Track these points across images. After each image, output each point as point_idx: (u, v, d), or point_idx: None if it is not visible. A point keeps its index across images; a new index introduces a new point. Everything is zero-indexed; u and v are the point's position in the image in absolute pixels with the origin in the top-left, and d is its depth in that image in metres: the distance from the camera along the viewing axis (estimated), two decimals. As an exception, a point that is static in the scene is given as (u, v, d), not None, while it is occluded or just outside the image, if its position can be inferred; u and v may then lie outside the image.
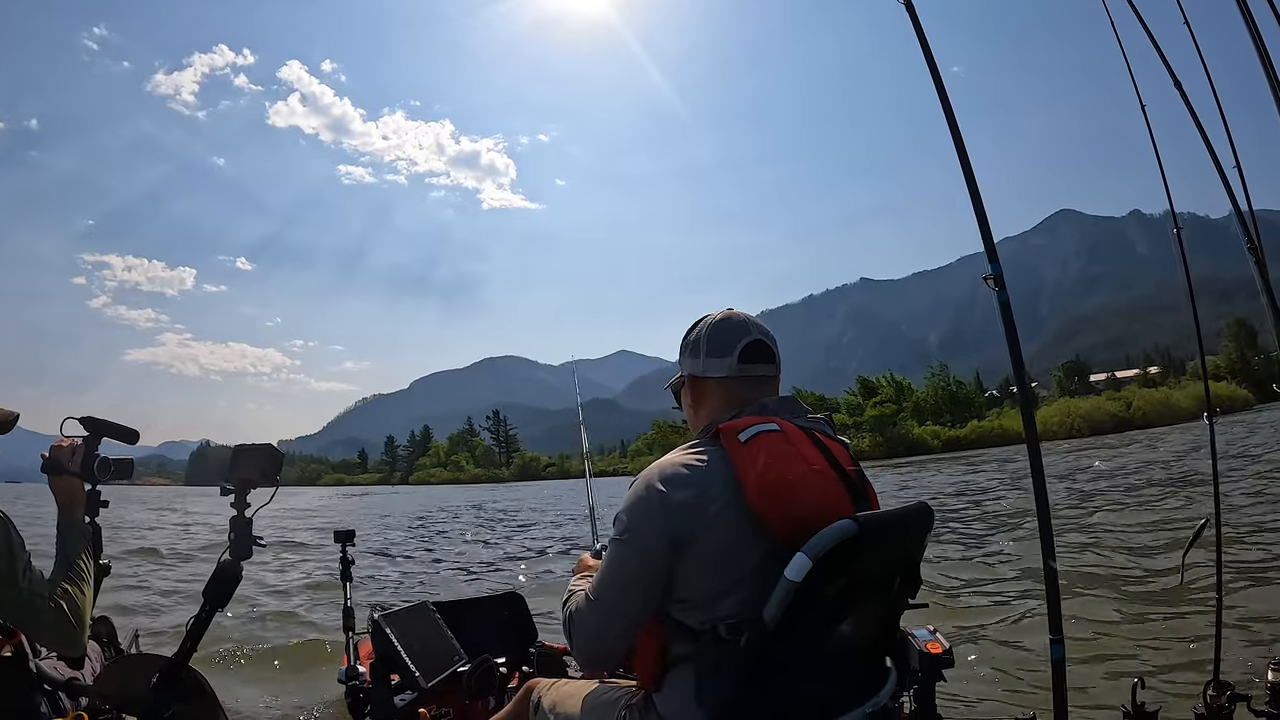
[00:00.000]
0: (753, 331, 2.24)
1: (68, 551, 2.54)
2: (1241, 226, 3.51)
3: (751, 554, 1.90)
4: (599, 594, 2.02)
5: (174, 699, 2.42)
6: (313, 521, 29.63)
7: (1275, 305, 3.10)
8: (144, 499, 58.70)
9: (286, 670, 7.56)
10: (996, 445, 71.52)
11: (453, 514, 34.39)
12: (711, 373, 2.23)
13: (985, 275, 2.70)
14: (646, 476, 2.00)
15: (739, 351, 2.20)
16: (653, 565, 1.93)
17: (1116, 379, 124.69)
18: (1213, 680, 3.67)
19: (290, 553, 17.57)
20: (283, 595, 12.12)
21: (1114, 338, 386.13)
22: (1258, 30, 2.74)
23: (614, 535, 2.01)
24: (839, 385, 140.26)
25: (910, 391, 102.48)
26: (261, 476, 2.44)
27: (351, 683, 3.87)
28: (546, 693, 2.53)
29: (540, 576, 13.31)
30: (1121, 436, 54.98)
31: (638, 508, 1.97)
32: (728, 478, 1.94)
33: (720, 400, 2.22)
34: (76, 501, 2.67)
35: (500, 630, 4.57)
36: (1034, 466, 2.70)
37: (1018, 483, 25.42)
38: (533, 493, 59.22)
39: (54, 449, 2.68)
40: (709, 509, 1.91)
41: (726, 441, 1.99)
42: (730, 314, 2.30)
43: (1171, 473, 21.96)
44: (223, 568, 2.38)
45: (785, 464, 1.93)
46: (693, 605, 1.95)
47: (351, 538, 4.50)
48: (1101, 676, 5.50)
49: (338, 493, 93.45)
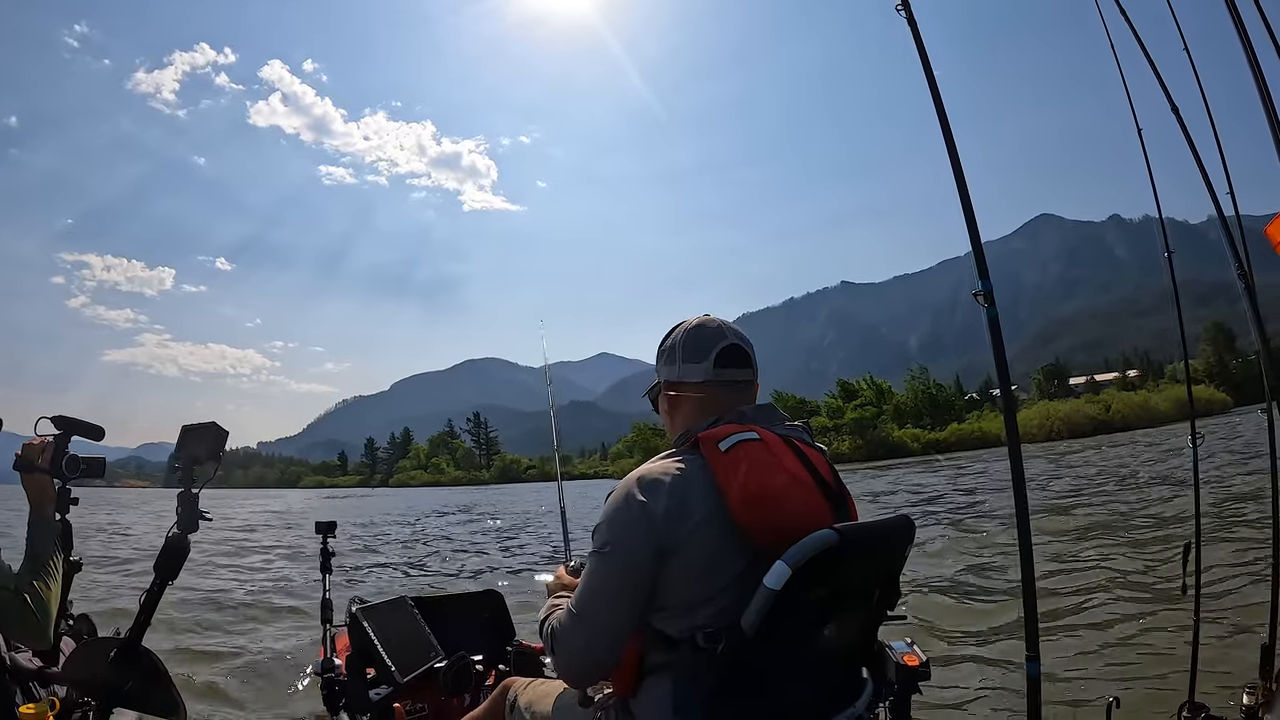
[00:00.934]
0: (728, 336, 2.23)
1: (36, 547, 2.61)
2: (1230, 248, 3.51)
3: (733, 563, 1.90)
4: (583, 608, 1.99)
5: (132, 674, 2.47)
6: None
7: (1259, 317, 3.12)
8: (120, 501, 58.09)
9: (263, 661, 7.58)
10: (976, 448, 71.92)
11: (437, 514, 34.36)
12: (688, 378, 2.23)
13: (976, 291, 2.69)
14: (626, 486, 1.99)
15: (715, 356, 2.20)
16: (637, 576, 1.92)
17: (1096, 382, 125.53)
18: (1188, 701, 3.68)
19: (268, 552, 17.55)
20: (260, 587, 12.31)
21: (1093, 340, 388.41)
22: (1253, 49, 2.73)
23: (595, 548, 1.99)
24: (819, 388, 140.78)
25: (890, 394, 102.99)
26: (207, 455, 2.49)
27: (327, 675, 3.85)
28: (523, 692, 2.55)
29: (520, 575, 13.34)
30: (1100, 439, 55.21)
31: (619, 519, 1.96)
32: (708, 487, 1.93)
33: (697, 406, 2.21)
34: (47, 499, 2.73)
35: (478, 628, 4.56)
36: (1015, 485, 2.69)
37: (983, 489, 25.55)
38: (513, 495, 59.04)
39: (25, 447, 2.76)
40: (690, 518, 1.90)
41: (706, 450, 1.98)
42: (706, 319, 2.30)
43: (1150, 483, 22.05)
44: (171, 541, 2.42)
45: (767, 473, 1.93)
46: (673, 614, 1.94)
47: (333, 529, 4.49)
48: (1077, 695, 5.53)
49: (316, 495, 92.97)
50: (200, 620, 9.26)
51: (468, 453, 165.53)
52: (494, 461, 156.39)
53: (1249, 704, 3.41)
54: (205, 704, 6.21)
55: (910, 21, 2.97)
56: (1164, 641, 6.55)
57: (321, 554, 4.41)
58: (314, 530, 4.51)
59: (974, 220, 2.84)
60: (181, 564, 2.46)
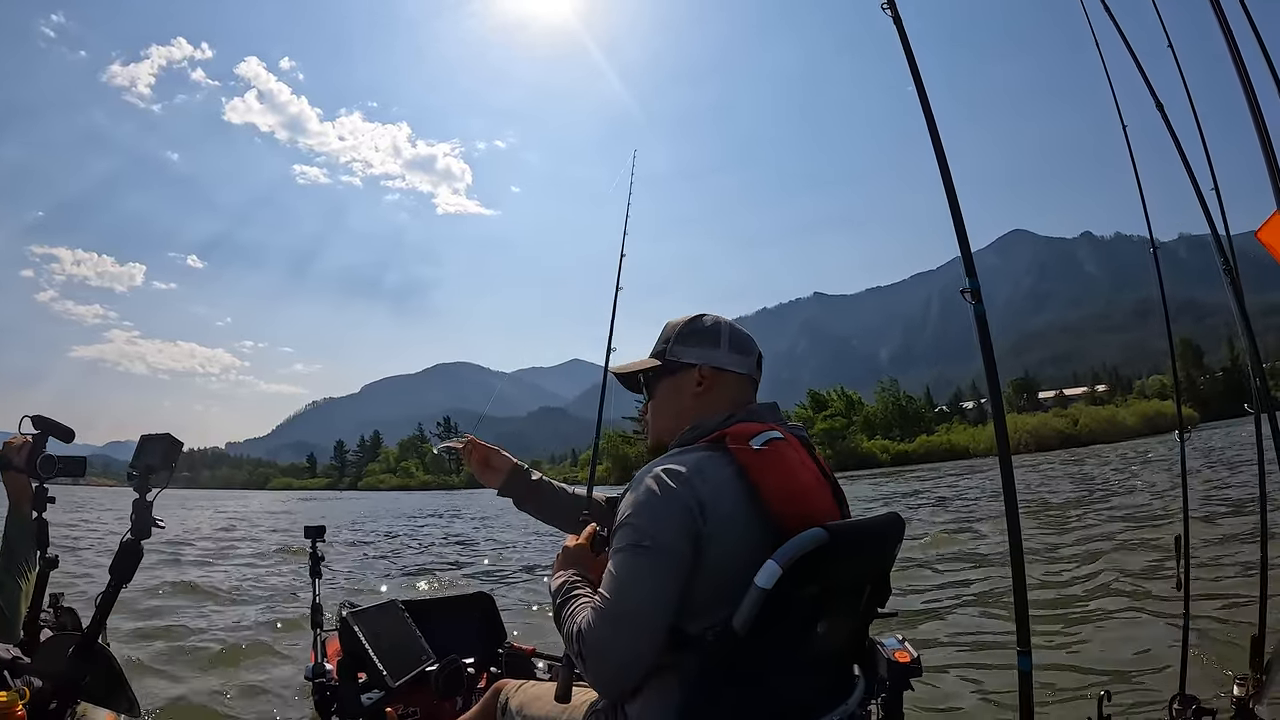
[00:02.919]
0: (731, 329, 2.28)
1: (10, 543, 2.75)
2: (1217, 246, 3.54)
3: (759, 561, 1.80)
4: (621, 608, 1.86)
5: (88, 670, 2.51)
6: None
7: (1248, 322, 3.16)
8: (84, 500, 57.27)
9: (254, 667, 7.52)
10: (945, 460, 72.20)
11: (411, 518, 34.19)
12: (732, 368, 2.23)
13: (963, 289, 2.69)
14: (658, 477, 1.92)
15: (757, 357, 2.27)
16: (680, 569, 1.85)
17: (1065, 396, 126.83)
18: (1179, 694, 3.69)
19: (258, 554, 17.51)
20: (249, 593, 12.19)
21: (1062, 355, 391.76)
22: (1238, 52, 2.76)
23: (629, 542, 1.88)
24: (790, 398, 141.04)
25: (860, 406, 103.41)
26: (162, 462, 2.52)
27: (318, 680, 3.82)
28: (514, 694, 2.52)
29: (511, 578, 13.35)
30: (1073, 451, 55.64)
31: (655, 510, 1.88)
32: (739, 483, 1.91)
33: (727, 397, 2.20)
34: (24, 497, 2.82)
35: (469, 631, 4.52)
36: (1005, 478, 2.69)
37: (964, 495, 25.72)
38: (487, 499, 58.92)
39: (5, 445, 2.83)
40: (722, 512, 1.87)
41: (736, 448, 1.96)
42: (697, 316, 2.31)
43: (1135, 485, 22.55)
44: (126, 546, 2.44)
45: (798, 472, 1.96)
46: (697, 611, 1.87)
47: (322, 533, 4.41)
48: (1069, 688, 5.53)
49: (285, 498, 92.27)
50: (188, 625, 9.19)
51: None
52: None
53: (1239, 695, 3.42)
54: (195, 710, 6.16)
55: (896, 20, 2.98)
56: (1154, 635, 6.61)
57: (311, 558, 4.32)
58: (303, 535, 4.45)
59: (960, 217, 2.83)
60: (135, 567, 2.48)
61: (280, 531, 25.44)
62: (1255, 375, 3.57)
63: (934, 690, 5.70)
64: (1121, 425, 78.02)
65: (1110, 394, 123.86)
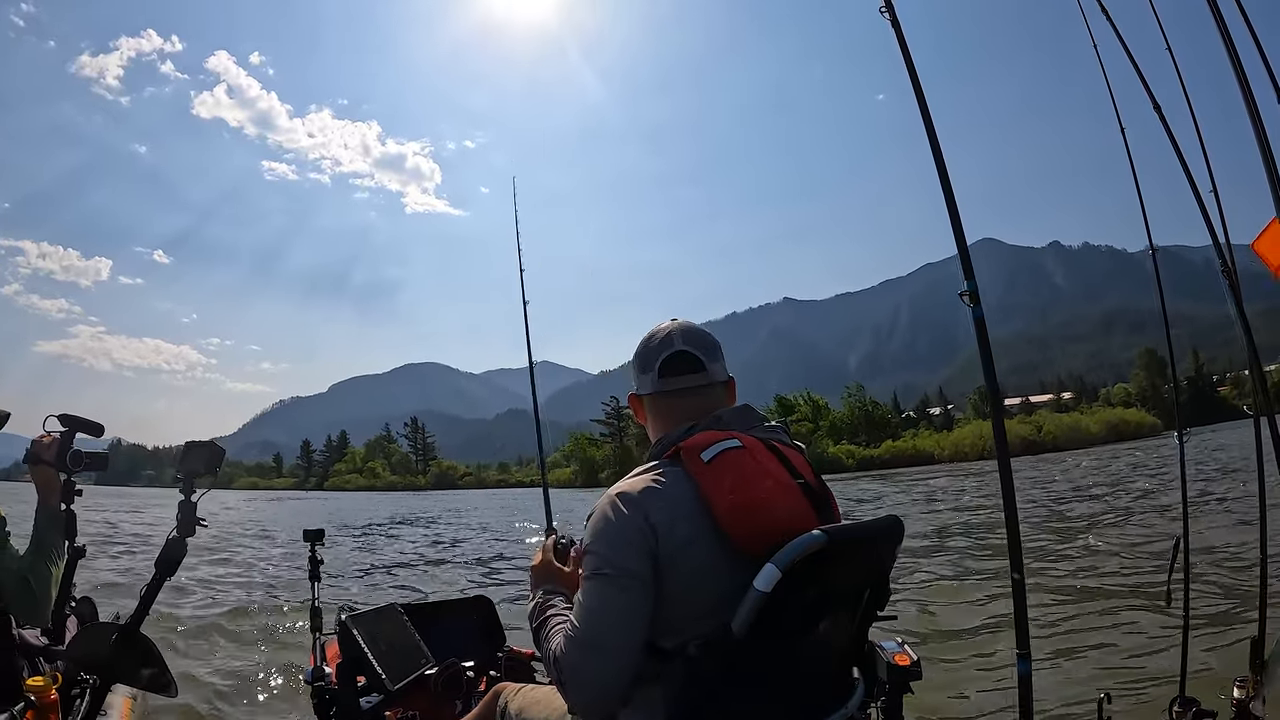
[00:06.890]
0: (676, 343, 2.22)
1: (41, 533, 2.90)
2: (1217, 248, 3.59)
3: (727, 573, 1.86)
4: (590, 635, 1.89)
5: (131, 656, 2.79)
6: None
7: (1247, 325, 3.21)
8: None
9: (253, 670, 7.51)
10: (911, 465, 72.62)
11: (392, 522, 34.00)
12: (642, 390, 2.26)
13: (961, 291, 2.72)
14: (610, 503, 1.95)
15: (658, 367, 2.20)
16: (643, 593, 1.87)
17: (1030, 403, 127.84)
18: (1179, 696, 3.72)
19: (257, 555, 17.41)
20: (248, 596, 12.15)
21: (1028, 364, 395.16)
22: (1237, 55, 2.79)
23: (591, 570, 1.92)
24: (757, 402, 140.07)
25: (827, 411, 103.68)
26: (205, 469, 2.87)
27: (318, 684, 3.82)
28: (514, 697, 2.56)
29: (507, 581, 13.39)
30: (1041, 457, 55.92)
31: (611, 537, 1.91)
32: (693, 498, 1.92)
33: (658, 416, 2.23)
34: (52, 490, 3.01)
35: (468, 634, 4.55)
36: (1004, 481, 2.72)
37: (937, 500, 25.87)
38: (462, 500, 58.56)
39: (34, 442, 3.03)
40: (679, 531, 1.88)
41: (688, 461, 1.97)
42: (659, 328, 2.29)
43: (1123, 489, 22.74)
44: (171, 543, 2.76)
45: (751, 481, 1.91)
46: (667, 627, 1.90)
47: (321, 537, 4.44)
48: (1069, 691, 5.57)
49: (252, 498, 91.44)
50: (187, 629, 9.11)
51: (404, 458, 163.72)
52: (430, 468, 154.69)
53: (1239, 697, 3.45)
54: (194, 714, 6.14)
55: (894, 24, 3.01)
56: (1153, 638, 6.66)
57: (310, 562, 4.36)
58: (302, 538, 4.45)
59: (959, 218, 2.86)
60: (179, 563, 2.80)
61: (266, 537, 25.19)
62: (1255, 379, 3.62)
63: (933, 694, 5.70)
64: (1086, 432, 79.15)
65: (1075, 401, 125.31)
